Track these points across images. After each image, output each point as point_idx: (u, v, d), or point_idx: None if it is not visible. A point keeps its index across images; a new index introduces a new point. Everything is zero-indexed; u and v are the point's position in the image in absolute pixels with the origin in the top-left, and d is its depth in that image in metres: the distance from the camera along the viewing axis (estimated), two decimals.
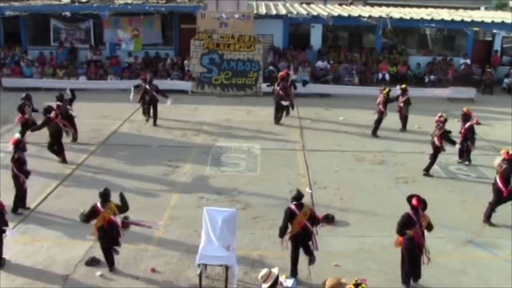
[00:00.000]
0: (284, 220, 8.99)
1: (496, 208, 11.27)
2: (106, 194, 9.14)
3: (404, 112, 17.77)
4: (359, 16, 24.80)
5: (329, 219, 11.01)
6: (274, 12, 25.80)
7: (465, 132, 14.52)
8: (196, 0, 25.00)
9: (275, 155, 15.36)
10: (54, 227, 10.83)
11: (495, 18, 25.13)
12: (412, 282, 8.96)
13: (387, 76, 24.27)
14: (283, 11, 25.71)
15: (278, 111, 18.48)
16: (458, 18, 25.07)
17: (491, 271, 9.50)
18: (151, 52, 25.20)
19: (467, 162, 14.75)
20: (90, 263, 9.44)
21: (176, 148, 15.88)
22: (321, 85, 23.20)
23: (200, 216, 9.07)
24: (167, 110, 19.15)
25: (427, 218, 8.73)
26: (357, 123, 18.59)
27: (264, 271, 7.01)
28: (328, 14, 24.89)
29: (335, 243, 10.37)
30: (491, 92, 23.92)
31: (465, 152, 14.75)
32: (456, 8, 30.00)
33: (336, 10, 27.25)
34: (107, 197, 9.14)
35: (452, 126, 14.54)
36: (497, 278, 9.28)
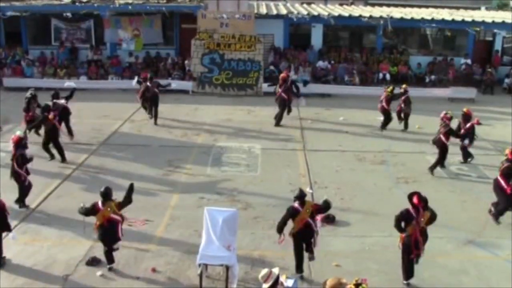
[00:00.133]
0: (284, 217, 9.03)
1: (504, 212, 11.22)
2: (107, 193, 9.14)
3: (405, 111, 17.74)
4: (360, 16, 24.79)
5: (329, 219, 11.06)
6: (275, 12, 25.79)
7: (465, 132, 14.52)
8: (196, 0, 25.01)
9: (276, 155, 15.36)
10: (54, 227, 10.83)
11: (496, 18, 25.12)
12: (403, 280, 8.94)
13: (388, 76, 24.27)
14: (283, 11, 25.70)
15: (280, 110, 18.43)
16: (458, 18, 25.07)
17: (491, 271, 9.50)
18: (151, 52, 25.21)
19: (469, 159, 14.80)
20: (90, 263, 9.45)
21: (177, 148, 15.88)
22: (321, 85, 23.18)
23: (201, 216, 9.08)
24: (167, 110, 19.19)
25: (427, 215, 8.70)
26: (357, 123, 18.58)
27: (264, 271, 7.01)
28: (329, 14, 24.90)
29: (336, 243, 10.37)
30: (492, 92, 23.91)
31: (461, 150, 14.78)
32: (457, 8, 29.97)
33: (336, 10, 27.22)
34: (108, 196, 9.14)
35: (453, 125, 14.52)
36: (497, 278, 9.29)
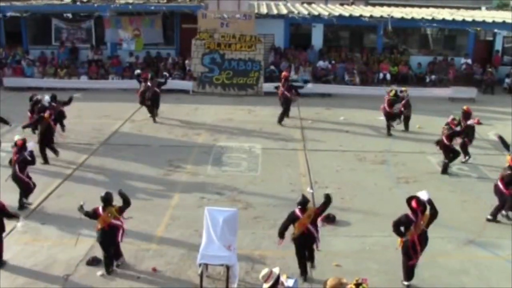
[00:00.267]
0: (284, 222, 9.02)
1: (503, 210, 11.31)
2: (107, 199, 9.08)
3: (405, 114, 17.68)
4: (360, 16, 24.78)
5: (330, 219, 11.07)
6: (275, 11, 25.77)
7: (464, 129, 14.49)
8: (197, 0, 25.01)
9: (276, 155, 15.36)
10: (55, 227, 10.83)
11: (496, 18, 25.09)
12: (404, 282, 8.94)
13: (388, 76, 24.26)
14: (284, 11, 25.70)
15: (284, 111, 18.42)
16: (459, 18, 25.06)
17: (491, 271, 9.50)
18: (152, 52, 25.21)
19: (467, 157, 14.78)
20: (91, 263, 9.45)
21: (177, 148, 15.88)
22: (322, 85, 23.17)
23: (201, 216, 9.08)
24: (168, 109, 19.19)
25: (426, 217, 8.68)
26: (358, 123, 18.58)
27: (265, 271, 7.02)
28: (330, 14, 24.90)
29: (336, 243, 10.37)
30: (492, 92, 23.90)
31: (461, 148, 14.75)
32: (457, 8, 29.97)
33: (337, 10, 27.21)
34: (109, 201, 9.08)
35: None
36: (497, 278, 9.28)
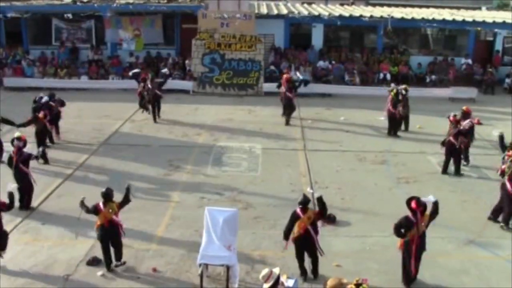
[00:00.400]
0: (288, 223, 9.02)
1: None
2: (108, 194, 9.15)
3: (404, 113, 17.61)
4: (361, 16, 24.79)
5: (330, 219, 11.05)
6: (275, 12, 25.79)
7: (469, 128, 14.42)
8: (197, 0, 25.01)
9: (276, 155, 15.36)
10: (55, 227, 10.84)
11: (496, 18, 25.10)
12: (403, 283, 8.95)
13: (388, 76, 24.24)
14: (284, 11, 25.70)
15: (289, 111, 18.38)
16: (459, 18, 25.07)
17: (491, 271, 9.49)
18: (152, 52, 25.24)
19: (465, 163, 14.67)
20: (91, 263, 9.45)
21: (177, 148, 15.88)
22: (322, 85, 23.17)
23: (201, 216, 9.08)
24: (168, 109, 19.19)
25: (426, 217, 8.69)
26: (358, 123, 18.57)
27: (265, 271, 7.02)
28: (330, 14, 24.90)
29: (336, 243, 10.36)
30: (493, 92, 23.90)
31: (463, 150, 14.70)
32: (458, 8, 29.97)
33: (337, 10, 27.23)
34: (109, 197, 9.14)
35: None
36: (497, 278, 9.28)
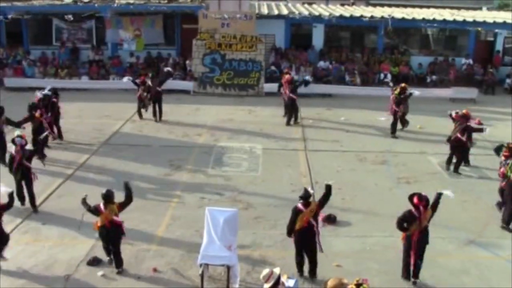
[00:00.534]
0: (290, 219, 9.00)
1: None
2: (108, 196, 9.12)
3: (402, 110, 17.48)
4: (361, 17, 24.79)
5: (331, 219, 11.07)
6: (276, 12, 25.78)
7: (477, 123, 14.43)
8: (198, 0, 25.03)
9: (277, 155, 15.36)
10: (55, 227, 10.85)
11: (497, 18, 25.10)
12: (403, 278, 8.99)
13: (389, 76, 24.22)
14: (285, 11, 25.71)
15: (293, 113, 18.38)
16: (460, 18, 25.06)
17: (492, 271, 9.50)
18: (153, 52, 25.22)
19: (465, 164, 14.59)
20: (92, 263, 9.46)
21: (178, 148, 15.89)
22: (323, 85, 23.16)
23: (202, 216, 9.09)
24: (169, 110, 19.18)
25: (429, 213, 8.71)
26: (358, 123, 18.57)
27: (265, 271, 7.02)
28: (330, 14, 24.91)
29: (337, 243, 10.37)
30: (493, 92, 23.91)
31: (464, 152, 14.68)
32: (458, 8, 29.95)
33: (338, 10, 27.23)
34: (110, 198, 9.12)
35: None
36: (498, 278, 9.29)
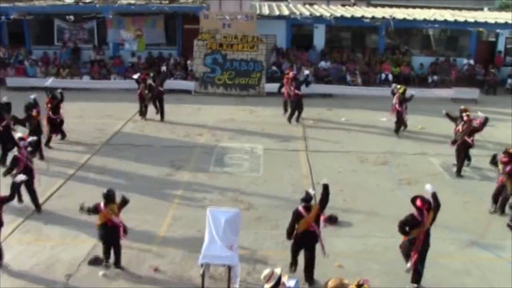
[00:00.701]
0: (290, 222, 9.00)
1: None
2: (109, 195, 9.13)
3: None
4: (362, 17, 24.79)
5: (332, 220, 11.07)
6: (277, 12, 25.79)
7: (483, 123, 14.38)
8: (199, 0, 25.04)
9: (278, 156, 15.36)
10: (57, 227, 10.85)
11: (498, 19, 25.11)
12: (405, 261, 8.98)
13: (390, 77, 24.24)
14: (286, 12, 25.71)
15: (299, 111, 18.38)
16: (461, 19, 25.06)
17: (493, 273, 9.49)
18: (154, 52, 25.27)
19: (467, 162, 14.68)
20: (93, 262, 9.46)
21: (179, 148, 15.89)
22: (324, 85, 23.16)
23: (203, 216, 9.10)
24: (170, 110, 19.17)
25: (431, 215, 8.70)
26: (360, 124, 18.56)
27: (266, 271, 7.01)
28: (331, 15, 24.91)
29: (338, 244, 10.36)
30: (495, 92, 23.91)
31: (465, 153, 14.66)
32: (459, 8, 29.97)
33: (339, 10, 27.24)
34: (110, 198, 9.13)
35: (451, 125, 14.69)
36: (499, 279, 9.28)
